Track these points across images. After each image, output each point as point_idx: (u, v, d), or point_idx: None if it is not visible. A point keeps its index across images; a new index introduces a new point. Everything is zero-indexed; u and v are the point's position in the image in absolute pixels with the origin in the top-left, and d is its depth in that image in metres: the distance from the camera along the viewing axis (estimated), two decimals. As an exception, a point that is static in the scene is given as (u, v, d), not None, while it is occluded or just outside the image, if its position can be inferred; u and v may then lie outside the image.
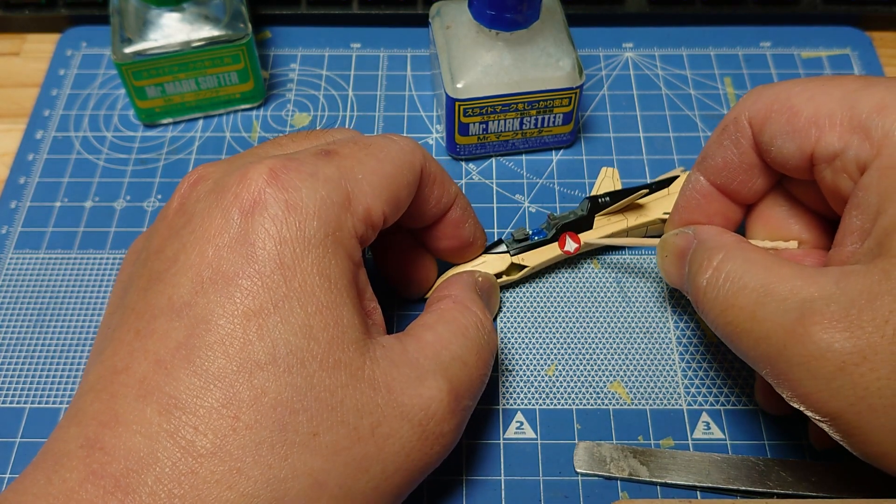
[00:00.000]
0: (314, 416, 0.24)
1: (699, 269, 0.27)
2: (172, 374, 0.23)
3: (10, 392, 0.33)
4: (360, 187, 0.27)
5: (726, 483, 0.30)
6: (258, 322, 0.24)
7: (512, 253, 0.35)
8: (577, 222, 0.36)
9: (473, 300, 0.30)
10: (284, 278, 0.24)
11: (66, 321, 0.35)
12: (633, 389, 0.33)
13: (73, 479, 0.22)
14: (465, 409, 0.28)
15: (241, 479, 0.22)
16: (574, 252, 0.35)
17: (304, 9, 0.46)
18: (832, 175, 0.26)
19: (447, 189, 0.31)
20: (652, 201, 0.36)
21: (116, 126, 0.42)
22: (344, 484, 0.24)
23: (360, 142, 0.28)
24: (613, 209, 0.36)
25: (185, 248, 0.25)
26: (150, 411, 0.23)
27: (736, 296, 0.26)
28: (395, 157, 0.28)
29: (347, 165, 0.27)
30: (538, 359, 0.34)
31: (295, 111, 0.43)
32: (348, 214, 0.26)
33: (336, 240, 0.25)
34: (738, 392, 0.33)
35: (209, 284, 0.24)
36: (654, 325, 0.35)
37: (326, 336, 0.24)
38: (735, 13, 0.46)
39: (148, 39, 0.38)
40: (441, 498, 0.31)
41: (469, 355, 0.28)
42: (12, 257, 0.37)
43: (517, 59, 0.37)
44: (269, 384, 0.23)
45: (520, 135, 0.40)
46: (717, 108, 0.43)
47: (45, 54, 0.46)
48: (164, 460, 0.22)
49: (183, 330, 0.24)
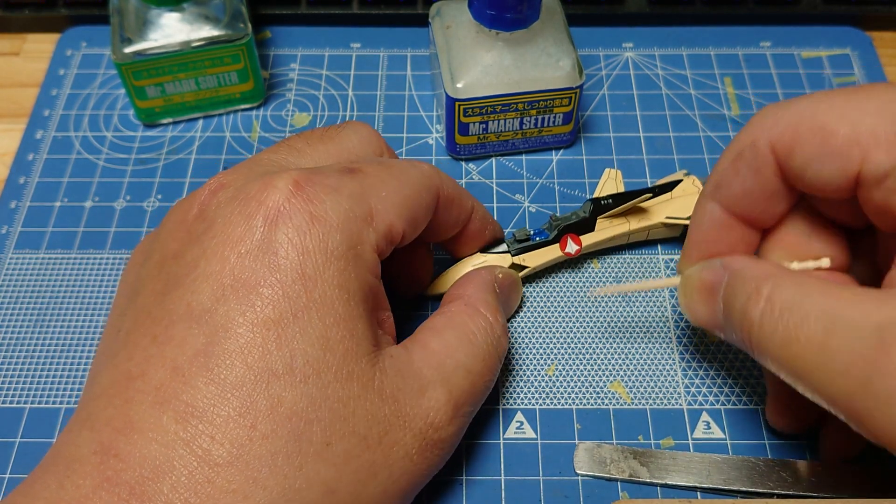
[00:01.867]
0: (328, 426, 0.24)
1: (749, 303, 0.25)
2: (190, 381, 0.23)
3: (10, 392, 0.33)
4: (383, 204, 0.27)
5: (727, 484, 0.30)
6: (277, 332, 0.24)
7: (513, 253, 0.35)
8: (578, 224, 0.36)
9: (486, 302, 0.30)
10: (305, 289, 0.24)
11: (66, 321, 0.35)
12: (633, 389, 0.33)
13: (87, 485, 0.22)
14: (465, 415, 0.28)
15: (258, 489, 0.22)
16: (575, 254, 0.35)
17: (304, 9, 0.46)
18: (884, 194, 0.24)
19: (464, 206, 0.32)
20: (655, 205, 0.36)
21: (116, 126, 0.42)
22: (354, 490, 0.24)
23: (384, 162, 0.29)
24: (616, 212, 0.36)
25: (206, 253, 0.25)
26: (167, 419, 0.23)
27: (799, 327, 0.23)
28: (416, 180, 0.29)
29: (370, 183, 0.27)
30: (538, 359, 0.34)
31: (295, 111, 0.43)
32: (370, 229, 0.26)
33: (357, 253, 0.26)
34: (739, 392, 0.33)
35: (230, 292, 0.24)
36: (654, 325, 0.35)
37: (342, 348, 0.25)
38: (735, 13, 0.46)
39: (148, 39, 0.38)
40: (441, 498, 0.31)
41: (474, 363, 0.28)
42: (12, 257, 0.37)
43: (517, 58, 0.37)
44: (286, 394, 0.23)
45: (520, 135, 0.40)
46: (718, 108, 0.43)
47: (45, 54, 0.46)
48: (181, 469, 0.22)
49: (202, 337, 0.24)
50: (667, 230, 0.37)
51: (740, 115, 0.43)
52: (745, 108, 0.43)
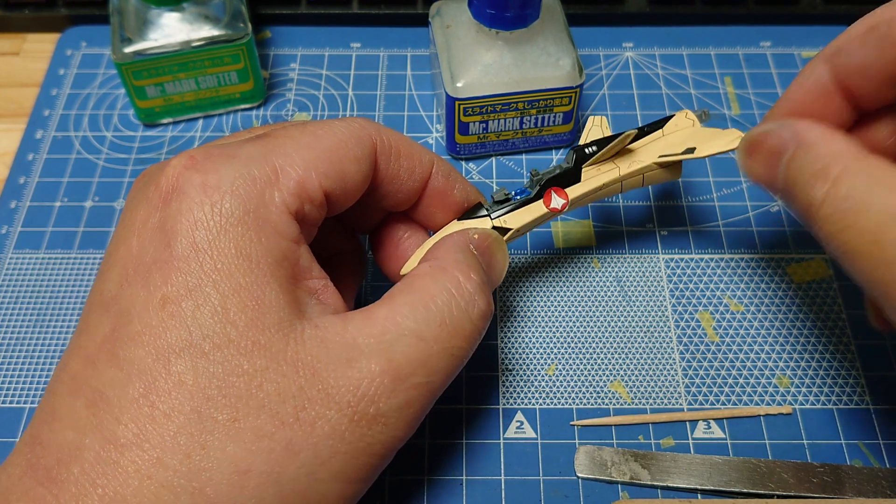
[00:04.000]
0: (232, 403, 0.23)
1: (812, 180, 0.25)
2: (98, 367, 0.23)
3: (10, 392, 0.33)
4: (291, 160, 0.26)
5: (727, 485, 0.30)
6: (172, 308, 0.23)
7: (493, 216, 0.31)
8: (562, 176, 0.32)
9: (457, 262, 0.28)
10: (199, 261, 0.24)
11: (66, 321, 0.35)
12: (633, 389, 0.33)
13: (16, 473, 0.23)
14: (416, 387, 0.25)
15: (161, 469, 0.22)
16: (562, 209, 0.31)
17: (304, 8, 0.46)
18: None
19: (419, 159, 0.29)
20: (645, 145, 0.33)
21: (116, 126, 0.42)
22: (271, 471, 0.23)
23: (298, 124, 0.27)
24: (601, 157, 0.32)
25: (115, 241, 0.25)
26: (79, 405, 0.23)
27: (858, 216, 0.24)
28: (338, 131, 0.27)
29: (276, 143, 0.26)
30: (538, 359, 0.34)
31: (295, 111, 0.43)
32: (275, 190, 0.25)
33: (259, 216, 0.24)
34: (739, 392, 0.33)
35: (133, 275, 0.24)
36: (654, 325, 0.35)
37: (244, 318, 0.24)
38: (735, 13, 0.46)
39: (148, 39, 0.38)
40: (441, 497, 0.31)
41: (427, 328, 0.25)
42: (12, 257, 0.37)
43: (517, 58, 0.37)
44: (186, 371, 0.23)
45: (520, 134, 0.40)
46: (718, 108, 0.43)
47: (45, 54, 0.46)
48: (89, 452, 0.22)
49: (108, 324, 0.24)
50: (664, 172, 0.33)
51: (740, 114, 0.43)
52: (745, 107, 0.43)
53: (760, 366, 0.34)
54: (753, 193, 0.39)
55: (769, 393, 0.33)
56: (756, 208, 0.39)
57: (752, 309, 0.36)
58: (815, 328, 0.35)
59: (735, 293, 0.36)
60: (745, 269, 0.37)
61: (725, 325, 0.35)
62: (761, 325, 0.35)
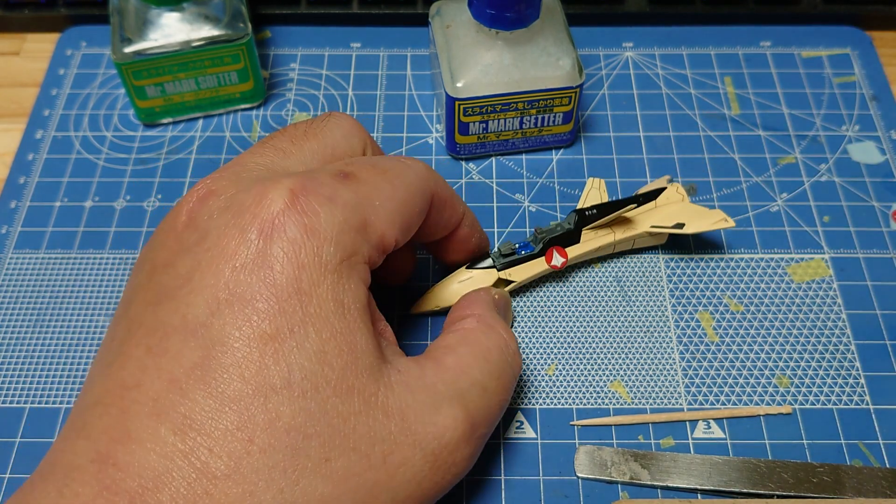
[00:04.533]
0: (326, 442, 0.23)
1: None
2: (188, 394, 0.23)
3: (10, 392, 0.33)
4: (377, 213, 0.26)
5: (727, 485, 0.30)
6: (274, 346, 0.23)
7: (499, 268, 0.34)
8: (564, 236, 0.35)
9: (497, 320, 0.30)
10: (301, 303, 0.24)
11: (66, 321, 0.35)
12: (633, 389, 0.33)
13: (86, 493, 0.22)
14: (480, 437, 0.27)
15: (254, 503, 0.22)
16: (561, 267, 0.35)
17: (304, 8, 0.46)
18: None
19: (456, 209, 0.31)
20: (639, 214, 0.36)
21: (116, 126, 0.42)
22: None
23: (378, 166, 0.28)
24: (601, 223, 0.35)
25: (201, 266, 0.25)
26: (164, 430, 0.23)
27: None
28: (411, 183, 0.28)
29: (365, 191, 0.27)
30: (538, 358, 0.34)
31: (295, 111, 0.43)
32: (363, 240, 0.26)
33: (350, 265, 0.25)
34: (739, 392, 0.33)
35: (226, 306, 0.24)
36: (654, 325, 0.35)
37: (340, 362, 0.24)
38: (735, 13, 0.46)
39: (148, 39, 0.38)
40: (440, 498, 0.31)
41: (490, 381, 0.27)
42: (12, 257, 0.37)
43: (517, 58, 0.37)
44: (284, 408, 0.23)
45: (520, 134, 0.40)
46: (718, 108, 0.43)
47: (45, 54, 0.46)
48: (179, 480, 0.22)
49: (198, 350, 0.23)
50: (652, 239, 0.37)
51: (740, 114, 0.43)
52: (746, 107, 0.43)
53: (760, 366, 0.34)
54: (753, 193, 0.40)
55: (769, 393, 0.33)
56: (756, 208, 0.39)
57: (752, 309, 0.36)
58: (815, 328, 0.35)
59: (735, 293, 0.36)
60: (745, 269, 0.37)
61: (725, 325, 0.35)
62: (761, 325, 0.35)
